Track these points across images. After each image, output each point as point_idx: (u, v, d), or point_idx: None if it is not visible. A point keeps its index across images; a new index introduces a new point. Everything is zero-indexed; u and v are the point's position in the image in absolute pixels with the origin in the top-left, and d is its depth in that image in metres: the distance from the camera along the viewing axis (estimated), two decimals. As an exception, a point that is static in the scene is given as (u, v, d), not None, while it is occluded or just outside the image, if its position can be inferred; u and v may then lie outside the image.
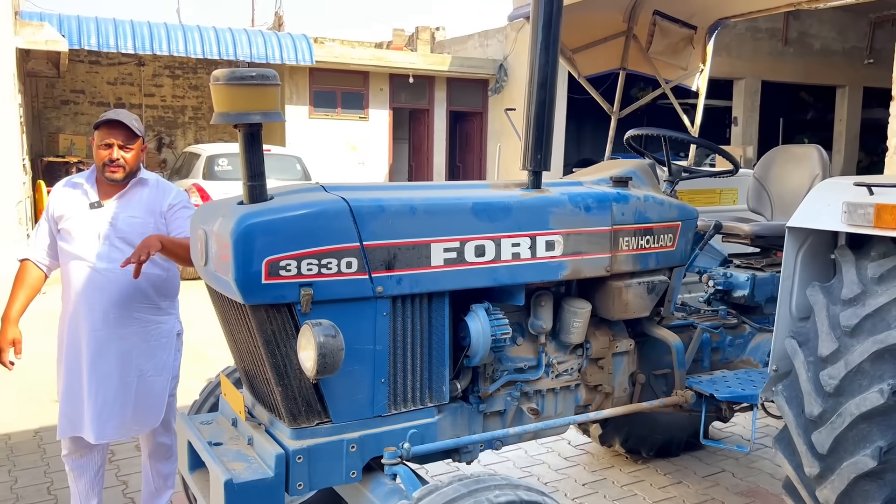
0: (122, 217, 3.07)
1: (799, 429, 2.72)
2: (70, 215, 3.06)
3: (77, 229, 3.05)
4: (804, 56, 18.16)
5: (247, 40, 12.92)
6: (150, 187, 3.17)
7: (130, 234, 3.06)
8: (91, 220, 3.05)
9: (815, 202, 2.88)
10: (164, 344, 3.20)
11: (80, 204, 3.08)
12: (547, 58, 2.60)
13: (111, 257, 3.03)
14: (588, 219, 2.72)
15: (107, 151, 3.01)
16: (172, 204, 3.15)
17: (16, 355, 3.09)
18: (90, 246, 3.04)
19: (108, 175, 3.03)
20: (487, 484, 2.00)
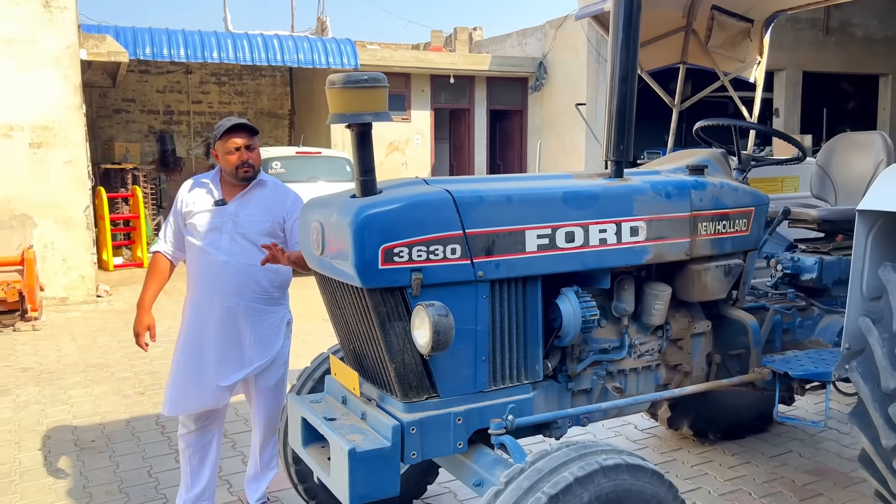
0: (243, 215, 3.35)
1: (875, 403, 2.84)
2: (197, 211, 3.37)
3: (202, 224, 3.35)
4: (846, 45, 17.93)
5: (293, 46, 13.24)
6: (268, 189, 3.44)
7: (250, 231, 3.34)
8: (215, 217, 3.35)
9: (885, 185, 2.99)
10: (276, 331, 3.45)
11: (206, 201, 3.38)
12: (628, 53, 2.75)
13: (231, 251, 3.32)
14: (669, 205, 2.87)
15: (235, 155, 3.30)
16: (291, 211, 3.40)
17: (151, 339, 3.43)
18: (213, 240, 3.33)
19: (242, 176, 3.32)
20: (594, 449, 2.17)
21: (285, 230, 3.40)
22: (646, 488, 2.14)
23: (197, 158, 16.80)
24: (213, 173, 3.47)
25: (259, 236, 3.33)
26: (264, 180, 3.44)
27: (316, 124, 16.07)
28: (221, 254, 3.32)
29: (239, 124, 3.32)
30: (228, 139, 3.30)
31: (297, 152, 11.33)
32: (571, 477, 2.04)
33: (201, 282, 3.37)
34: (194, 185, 3.47)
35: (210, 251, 3.33)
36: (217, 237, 3.33)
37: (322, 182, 10.30)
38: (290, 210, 3.40)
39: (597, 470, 2.07)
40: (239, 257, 3.32)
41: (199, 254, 3.36)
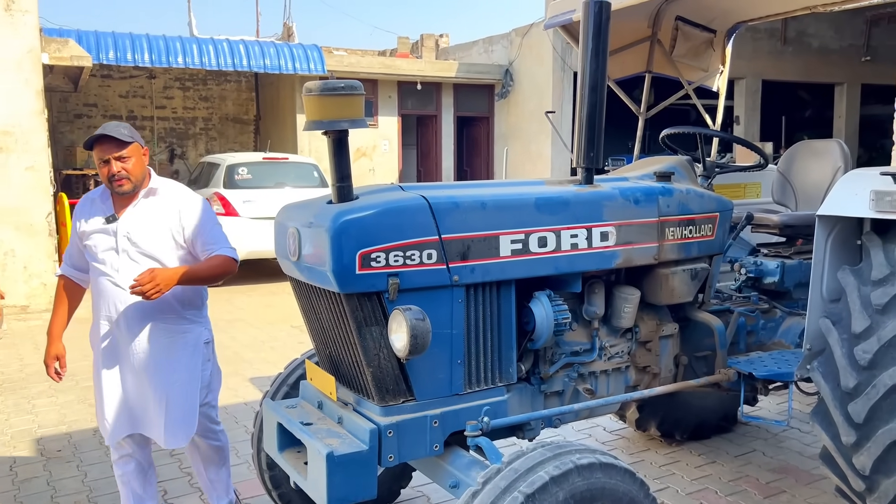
0: (138, 230, 3.06)
1: (835, 401, 2.94)
2: (91, 231, 3.09)
3: (97, 245, 3.08)
4: (803, 55, 18.42)
5: (259, 51, 13.17)
6: (160, 196, 3.13)
7: (149, 248, 3.06)
8: (108, 235, 3.07)
9: (843, 191, 3.10)
10: (191, 353, 3.18)
11: (98, 219, 3.10)
12: (597, 63, 2.82)
13: (132, 272, 2.99)
14: (637, 211, 2.95)
15: (105, 168, 3.01)
16: (188, 215, 3.10)
17: (61, 369, 3.22)
18: (110, 261, 3.07)
19: (117, 190, 3.03)
20: (569, 449, 2.22)
21: (186, 239, 3.10)
22: (619, 486, 2.20)
23: (160, 164, 16.58)
24: (103, 186, 3.14)
25: (161, 251, 3.06)
26: (155, 188, 3.14)
27: (282, 130, 16.00)
28: (121, 275, 3.04)
29: (101, 136, 2.99)
30: (97, 150, 3.01)
31: (263, 158, 11.26)
32: (547, 476, 2.09)
33: (103, 307, 3.11)
34: (85, 202, 3.18)
35: (109, 274, 3.06)
36: (114, 258, 3.06)
37: (289, 188, 10.26)
38: (186, 215, 3.10)
39: (571, 469, 2.12)
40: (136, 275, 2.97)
41: (98, 278, 3.10)
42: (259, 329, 7.83)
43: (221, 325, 7.84)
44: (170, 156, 16.88)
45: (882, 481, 2.87)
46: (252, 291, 9.81)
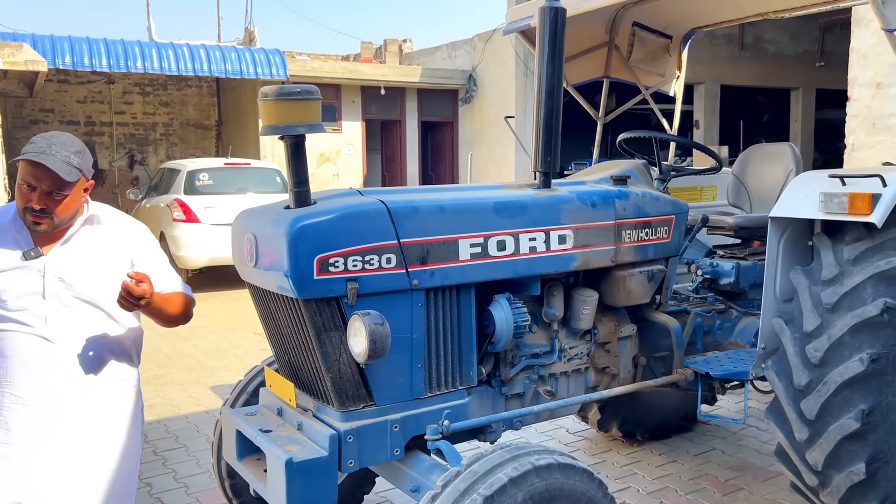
0: (74, 268, 2.37)
1: (789, 399, 3.01)
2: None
3: (12, 287, 2.31)
4: (760, 60, 18.80)
5: (221, 56, 13.05)
6: (104, 225, 2.49)
7: (89, 291, 2.39)
8: (29, 275, 2.32)
9: (794, 194, 3.18)
10: (128, 424, 2.53)
11: (10, 253, 2.33)
12: (553, 68, 2.86)
13: (65, 323, 2.35)
14: (594, 214, 2.99)
15: (23, 196, 2.30)
16: (142, 249, 2.54)
17: None
18: (33, 308, 2.32)
19: (29, 223, 2.33)
20: (527, 450, 2.24)
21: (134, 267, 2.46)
22: (577, 486, 2.22)
23: (120, 171, 16.32)
24: (13, 208, 2.40)
25: (104, 295, 2.39)
26: (95, 215, 2.47)
27: (244, 135, 15.86)
28: (49, 327, 2.33)
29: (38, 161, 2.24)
30: (28, 169, 2.28)
31: (225, 164, 11.15)
32: (506, 478, 2.10)
33: (18, 368, 2.32)
34: None
35: (30, 324, 2.31)
36: (38, 305, 2.32)
37: (252, 193, 10.17)
38: (136, 250, 2.51)
39: (530, 470, 2.14)
40: (78, 331, 2.36)
41: (11, 329, 2.31)
42: (221, 336, 7.74)
43: (183, 334, 7.73)
44: (129, 162, 16.62)
45: (834, 476, 2.95)
46: (214, 298, 9.70)
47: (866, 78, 7.34)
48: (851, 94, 7.52)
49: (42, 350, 2.34)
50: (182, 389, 5.80)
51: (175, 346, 7.26)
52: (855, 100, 7.51)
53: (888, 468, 2.92)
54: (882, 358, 2.85)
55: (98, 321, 2.42)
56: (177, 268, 10.07)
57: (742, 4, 4.34)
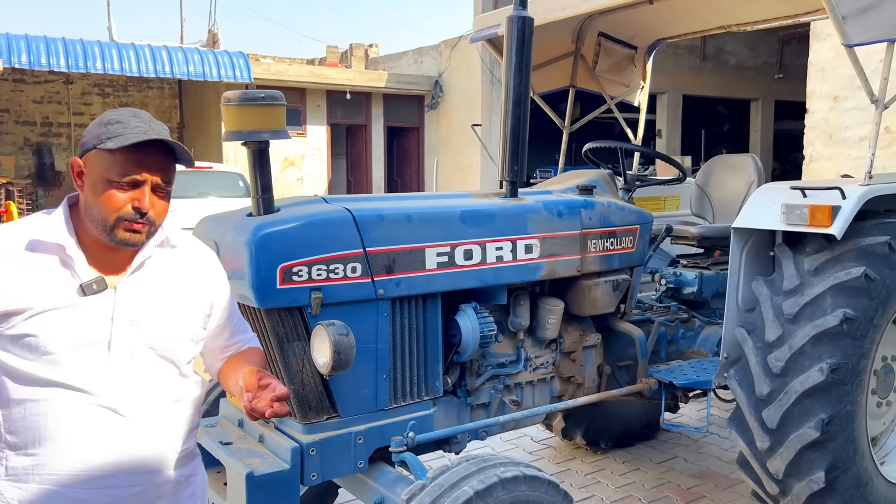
0: (149, 309, 1.70)
1: (750, 408, 3.04)
2: (40, 307, 1.58)
3: (63, 334, 1.59)
4: (721, 71, 19.14)
5: (183, 58, 12.85)
6: (179, 251, 1.83)
7: (165, 341, 1.71)
8: (89, 317, 1.62)
9: (756, 205, 3.22)
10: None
11: (61, 285, 1.61)
12: (520, 78, 2.85)
13: (138, 385, 1.67)
14: (560, 224, 2.99)
15: (129, 195, 1.62)
16: (220, 283, 1.89)
17: None
18: (93, 365, 1.62)
19: (121, 237, 1.63)
20: (493, 462, 2.22)
21: (212, 326, 1.87)
22: (542, 498, 2.21)
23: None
24: (58, 216, 1.67)
25: (182, 348, 1.75)
26: (170, 237, 1.80)
27: (207, 138, 15.64)
28: (118, 397, 1.64)
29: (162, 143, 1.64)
30: (132, 158, 1.61)
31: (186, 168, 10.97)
32: (472, 491, 2.08)
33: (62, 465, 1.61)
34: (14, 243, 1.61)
35: (88, 392, 1.61)
36: (100, 360, 1.62)
37: (214, 198, 10.02)
38: (219, 286, 1.88)
39: (496, 483, 2.12)
40: (152, 397, 1.69)
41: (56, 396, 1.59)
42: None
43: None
44: (87, 164, 16.27)
45: (794, 484, 2.98)
46: (175, 304, 9.52)
47: (824, 91, 7.51)
48: (809, 106, 7.68)
49: (108, 428, 1.63)
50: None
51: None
52: (813, 112, 7.67)
53: (846, 476, 2.97)
54: (841, 368, 2.89)
55: (172, 382, 1.73)
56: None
57: (705, 17, 4.40)
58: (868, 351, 2.99)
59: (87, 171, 1.63)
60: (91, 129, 1.66)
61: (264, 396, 1.67)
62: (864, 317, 2.95)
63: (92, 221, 1.63)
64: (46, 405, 1.59)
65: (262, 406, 1.66)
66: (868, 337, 2.97)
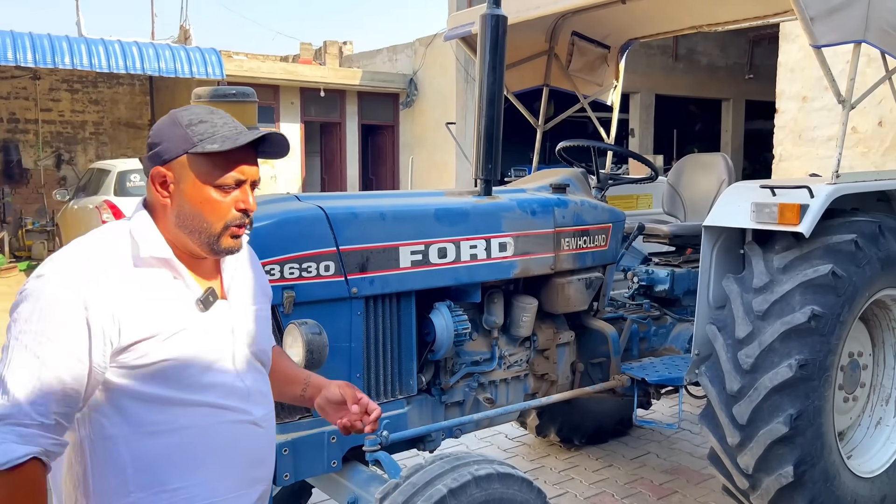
0: (245, 314, 1.67)
1: (721, 404, 3.08)
2: (169, 330, 1.48)
3: (194, 355, 1.52)
4: (692, 71, 19.34)
5: (154, 54, 12.67)
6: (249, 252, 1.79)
7: (262, 346, 1.72)
8: (212, 331, 1.56)
9: (726, 203, 3.26)
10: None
11: (180, 303, 1.53)
12: (494, 77, 2.86)
13: (261, 392, 1.66)
14: (534, 222, 3.00)
15: (232, 197, 1.54)
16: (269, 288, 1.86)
17: None
18: (226, 380, 1.57)
19: (226, 245, 1.56)
20: (467, 460, 2.22)
21: None
22: (516, 496, 2.22)
23: (46, 170, 15.69)
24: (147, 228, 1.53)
25: (269, 351, 1.77)
26: None
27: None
28: (250, 403, 1.61)
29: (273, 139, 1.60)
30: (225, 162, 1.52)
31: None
32: (445, 489, 2.08)
33: (219, 483, 1.56)
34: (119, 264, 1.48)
35: (231, 410, 1.57)
36: (229, 374, 1.58)
37: (186, 196, 9.90)
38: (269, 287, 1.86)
39: (469, 481, 2.12)
40: (270, 406, 1.70)
41: (201, 424, 1.53)
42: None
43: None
44: (57, 161, 16.00)
45: (764, 479, 3.03)
46: (146, 303, 9.42)
47: (793, 91, 7.60)
48: (779, 106, 7.78)
49: (251, 442, 1.60)
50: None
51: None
52: (782, 112, 7.77)
53: (815, 471, 3.02)
54: (809, 364, 2.94)
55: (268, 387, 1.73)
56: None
57: (677, 17, 4.44)
58: (835, 347, 3.05)
59: (177, 180, 1.51)
60: (167, 133, 1.53)
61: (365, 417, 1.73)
62: (832, 313, 3.00)
63: (191, 232, 1.52)
64: (192, 432, 1.51)
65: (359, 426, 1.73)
66: (835, 333, 3.03)
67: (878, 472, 3.40)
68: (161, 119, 1.58)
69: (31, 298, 1.41)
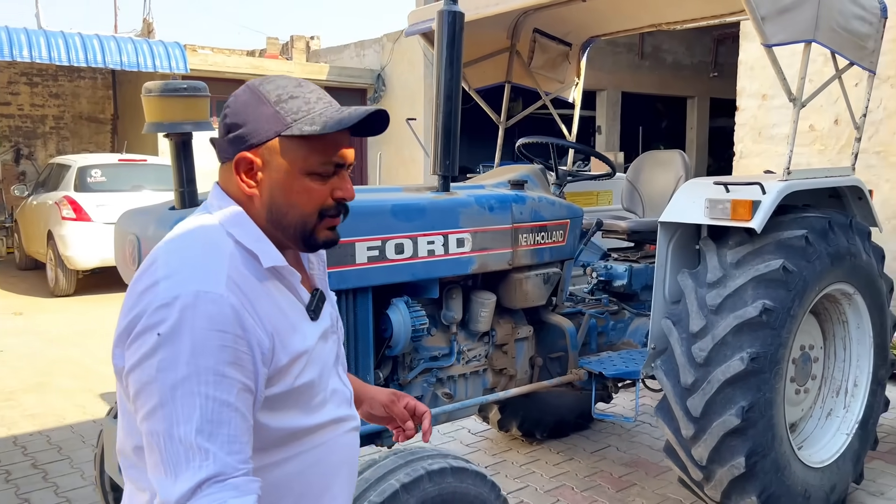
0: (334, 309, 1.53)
1: (676, 397, 3.13)
2: (301, 347, 1.31)
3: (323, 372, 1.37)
4: (658, 69, 19.55)
5: (116, 47, 12.45)
6: None
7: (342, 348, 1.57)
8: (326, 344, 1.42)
9: (681, 199, 3.32)
10: None
11: (300, 314, 1.36)
12: (451, 73, 2.86)
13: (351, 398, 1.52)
14: (492, 218, 3.01)
15: (328, 184, 1.34)
16: None
17: None
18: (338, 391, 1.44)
19: (323, 237, 1.37)
20: (420, 455, 2.23)
21: None
22: (469, 489, 2.23)
23: (5, 165, 15.34)
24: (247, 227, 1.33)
25: None
26: None
27: (141, 131, 15.17)
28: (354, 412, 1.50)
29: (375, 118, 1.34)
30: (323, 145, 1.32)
31: (119, 160, 10.66)
32: (398, 484, 2.09)
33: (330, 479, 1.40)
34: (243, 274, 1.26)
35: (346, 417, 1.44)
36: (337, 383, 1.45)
37: (148, 191, 9.76)
38: None
39: (422, 475, 2.13)
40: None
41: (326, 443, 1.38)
42: (113, 341, 7.39)
43: (74, 339, 7.35)
44: (15, 156, 15.66)
45: (717, 470, 3.09)
46: (107, 302, 9.26)
47: (753, 89, 7.73)
48: (739, 104, 7.91)
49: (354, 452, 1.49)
50: (67, 398, 5.50)
51: (62, 351, 6.89)
52: (743, 110, 7.90)
53: (766, 462, 3.08)
54: (760, 357, 3.00)
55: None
56: (66, 269, 9.57)
57: (637, 15, 4.49)
58: (786, 340, 3.11)
59: (266, 166, 1.30)
60: (252, 112, 1.31)
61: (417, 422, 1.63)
62: (783, 307, 3.06)
63: (285, 227, 1.32)
64: (319, 452, 1.35)
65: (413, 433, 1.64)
66: (786, 327, 3.09)
67: (828, 462, 3.49)
68: (237, 94, 1.36)
69: (173, 333, 1.15)
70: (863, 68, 3.67)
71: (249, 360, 1.18)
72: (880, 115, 6.85)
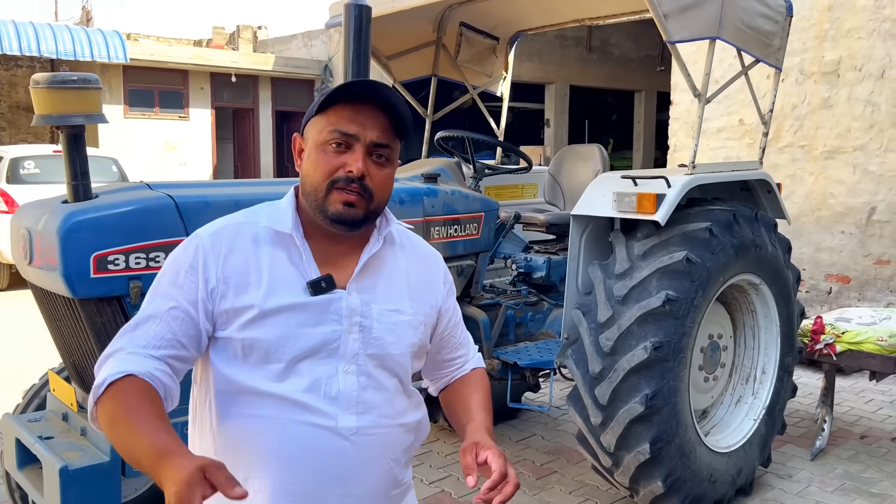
0: (382, 317, 1.48)
1: (585, 385, 3.20)
2: (268, 306, 1.38)
3: (290, 341, 1.39)
4: (606, 63, 19.79)
5: (52, 36, 12.12)
6: (407, 252, 1.58)
7: (394, 353, 1.49)
8: (317, 322, 1.41)
9: (593, 193, 3.38)
10: None
11: (289, 282, 1.41)
12: (359, 66, 2.86)
13: (366, 408, 1.44)
14: (403, 211, 3.03)
15: (342, 158, 1.41)
16: (451, 297, 1.65)
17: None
18: (319, 381, 1.40)
19: (335, 210, 1.41)
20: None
21: (433, 338, 1.61)
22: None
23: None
24: (285, 204, 1.50)
25: (409, 362, 1.53)
26: (395, 231, 1.57)
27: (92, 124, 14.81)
28: (347, 420, 1.41)
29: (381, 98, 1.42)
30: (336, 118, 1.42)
31: (54, 151, 10.39)
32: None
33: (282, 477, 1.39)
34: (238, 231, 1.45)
35: (312, 412, 1.39)
36: (326, 374, 1.41)
37: (85, 184, 9.53)
38: (448, 295, 1.64)
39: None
40: (379, 423, 1.46)
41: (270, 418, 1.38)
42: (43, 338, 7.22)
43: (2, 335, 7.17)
44: (-51, 147, 15.14)
45: (624, 457, 3.17)
46: (41, 296, 9.04)
47: (686, 84, 7.89)
48: (674, 98, 8.07)
49: (332, 456, 1.40)
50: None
51: (-12, 347, 6.71)
52: (677, 104, 8.07)
53: (671, 447, 3.17)
54: (664, 346, 3.09)
55: (396, 401, 1.50)
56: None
57: (561, 11, 4.55)
58: (690, 330, 3.20)
59: (305, 145, 1.48)
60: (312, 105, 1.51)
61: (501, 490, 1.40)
62: (686, 298, 3.15)
63: (308, 197, 1.44)
64: (259, 423, 1.37)
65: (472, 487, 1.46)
66: (689, 316, 3.18)
67: (735, 447, 3.60)
68: None
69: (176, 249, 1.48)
70: (768, 65, 3.78)
71: (194, 289, 1.39)
72: (805, 110, 7.05)
